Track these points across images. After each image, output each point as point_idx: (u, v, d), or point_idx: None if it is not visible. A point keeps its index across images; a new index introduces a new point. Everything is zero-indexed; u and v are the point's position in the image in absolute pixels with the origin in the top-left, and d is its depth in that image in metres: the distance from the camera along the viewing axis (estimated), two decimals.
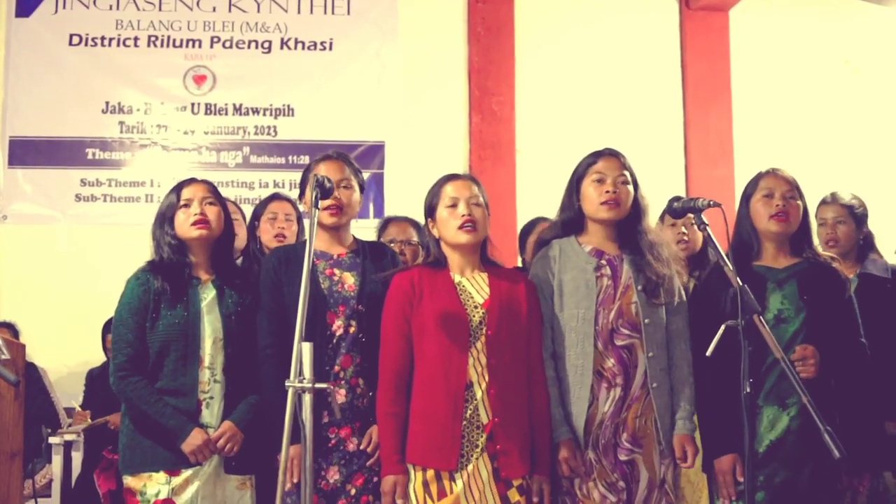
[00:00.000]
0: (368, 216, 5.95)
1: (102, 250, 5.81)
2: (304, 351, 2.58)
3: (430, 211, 3.20)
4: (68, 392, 5.38)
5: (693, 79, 6.64)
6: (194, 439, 3.11)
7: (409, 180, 6.08)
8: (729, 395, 3.06)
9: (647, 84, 6.60)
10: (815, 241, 3.53)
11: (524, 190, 6.25)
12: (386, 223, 4.30)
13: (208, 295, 3.27)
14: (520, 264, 4.35)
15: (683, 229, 4.04)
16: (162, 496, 3.12)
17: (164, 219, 3.29)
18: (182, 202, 3.28)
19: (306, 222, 3.96)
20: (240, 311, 3.27)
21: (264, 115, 6.34)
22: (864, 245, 4.10)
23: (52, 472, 4.81)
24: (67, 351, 5.64)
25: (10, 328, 5.44)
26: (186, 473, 3.14)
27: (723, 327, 2.74)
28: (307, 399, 2.57)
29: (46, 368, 5.32)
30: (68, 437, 4.68)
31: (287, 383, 2.54)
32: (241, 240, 4.14)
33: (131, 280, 3.27)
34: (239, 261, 4.00)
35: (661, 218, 4.09)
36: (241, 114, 6.33)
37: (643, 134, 6.40)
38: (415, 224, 4.01)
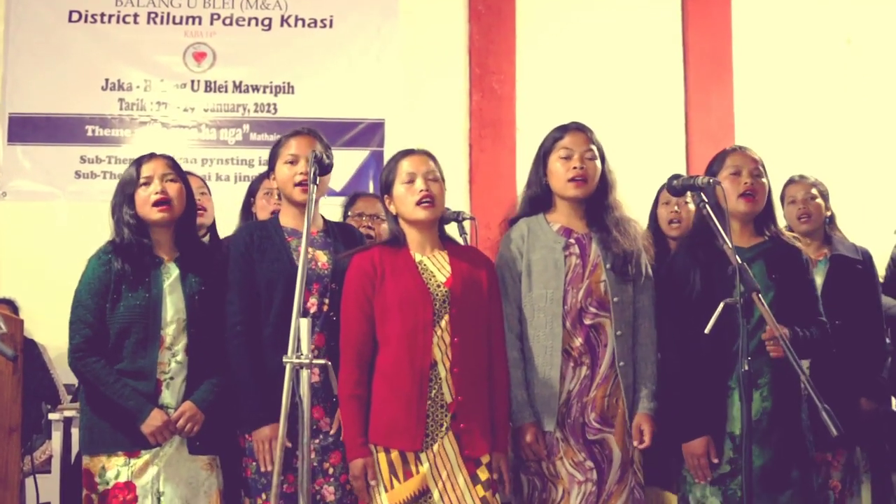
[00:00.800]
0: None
1: (102, 227, 5.72)
2: (301, 327, 2.57)
3: (387, 187, 3.15)
4: (67, 368, 5.36)
5: (695, 57, 6.60)
6: (154, 420, 3.05)
7: None
8: (699, 377, 3.06)
9: (648, 62, 6.57)
10: (781, 222, 3.54)
11: (524, 168, 6.17)
12: (354, 198, 4.28)
13: (171, 275, 3.20)
14: None
15: (676, 207, 4.03)
16: (122, 479, 3.07)
17: (124, 197, 3.20)
18: (142, 180, 3.18)
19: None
20: (203, 291, 3.20)
21: (264, 92, 6.31)
22: (829, 224, 4.14)
23: (51, 449, 4.81)
24: (67, 327, 5.62)
25: (10, 304, 5.43)
26: (146, 456, 3.09)
27: (721, 305, 2.73)
28: (305, 375, 2.57)
29: (46, 345, 5.30)
30: (68, 414, 4.67)
31: (284, 359, 2.53)
32: (208, 216, 4.10)
33: (92, 260, 3.20)
34: (206, 238, 3.94)
35: (658, 197, 4.09)
36: (240, 91, 6.31)
37: (644, 113, 6.40)
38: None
